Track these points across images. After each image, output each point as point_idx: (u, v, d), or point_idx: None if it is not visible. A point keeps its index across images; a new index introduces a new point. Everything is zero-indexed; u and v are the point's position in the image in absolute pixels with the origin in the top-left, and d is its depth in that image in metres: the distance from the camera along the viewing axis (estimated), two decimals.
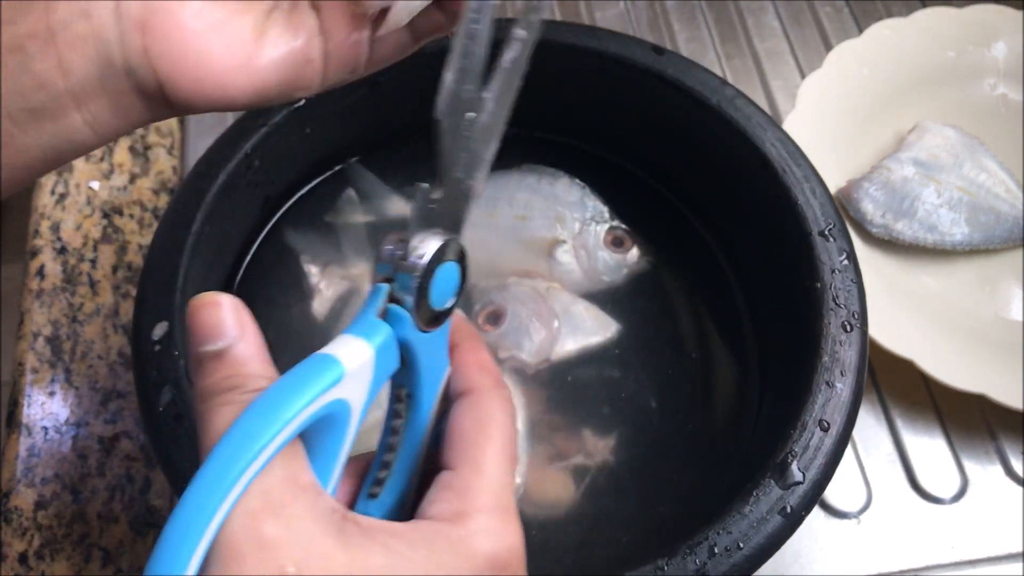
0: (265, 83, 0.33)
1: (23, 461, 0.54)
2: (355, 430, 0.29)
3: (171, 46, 0.31)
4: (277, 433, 0.26)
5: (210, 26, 0.31)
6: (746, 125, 0.50)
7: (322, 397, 0.27)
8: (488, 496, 0.29)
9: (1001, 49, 0.68)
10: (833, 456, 0.41)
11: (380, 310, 0.30)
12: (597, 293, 0.55)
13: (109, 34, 0.30)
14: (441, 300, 0.31)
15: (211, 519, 0.24)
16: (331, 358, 0.28)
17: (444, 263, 0.31)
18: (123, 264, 0.61)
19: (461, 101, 0.30)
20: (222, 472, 0.25)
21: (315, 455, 0.28)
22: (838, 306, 0.44)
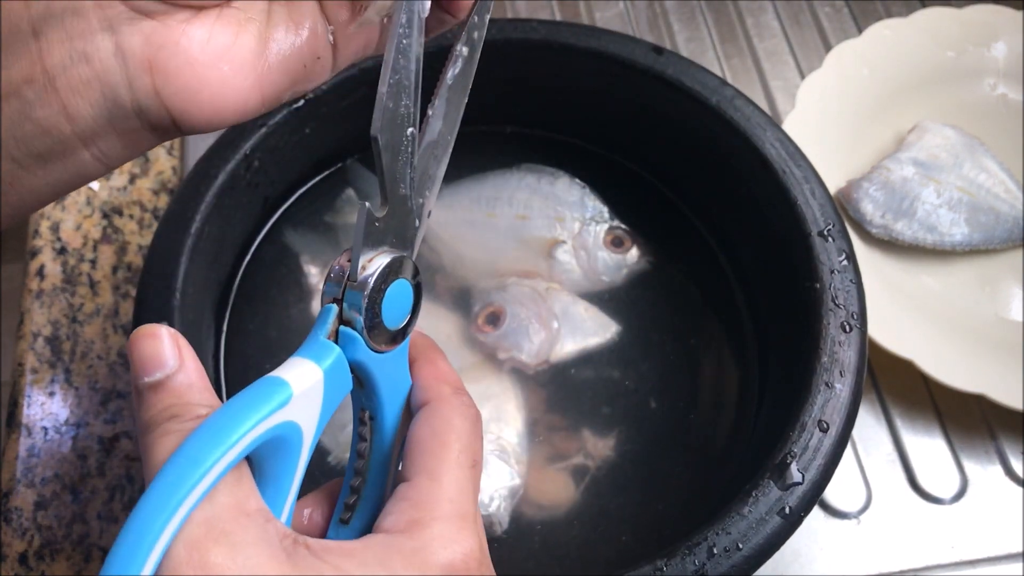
0: (277, 89, 0.32)
1: (23, 461, 0.54)
2: (308, 454, 0.29)
3: (184, 83, 0.30)
4: (221, 456, 0.25)
5: (218, 53, 0.30)
6: (746, 125, 0.50)
7: (269, 419, 0.27)
8: (444, 504, 0.29)
9: (1001, 49, 0.68)
10: (832, 457, 0.41)
11: (330, 331, 0.30)
12: (597, 293, 0.55)
13: (115, 77, 0.29)
14: (395, 319, 0.31)
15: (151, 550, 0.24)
16: (279, 380, 0.28)
17: (394, 282, 0.31)
18: (123, 264, 0.61)
19: (398, 116, 0.30)
20: (163, 500, 0.24)
21: (267, 480, 0.28)
22: (837, 306, 0.44)
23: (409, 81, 0.30)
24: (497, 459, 0.48)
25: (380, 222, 0.30)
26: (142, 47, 0.29)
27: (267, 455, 0.28)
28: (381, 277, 0.30)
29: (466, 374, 0.52)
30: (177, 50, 0.29)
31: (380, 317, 0.30)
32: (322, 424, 0.29)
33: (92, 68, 0.29)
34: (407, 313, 0.32)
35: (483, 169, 0.59)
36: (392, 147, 0.30)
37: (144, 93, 0.29)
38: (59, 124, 0.29)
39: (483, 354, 0.53)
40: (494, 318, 0.53)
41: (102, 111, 0.29)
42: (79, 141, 0.30)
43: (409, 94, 0.30)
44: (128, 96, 0.29)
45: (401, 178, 0.31)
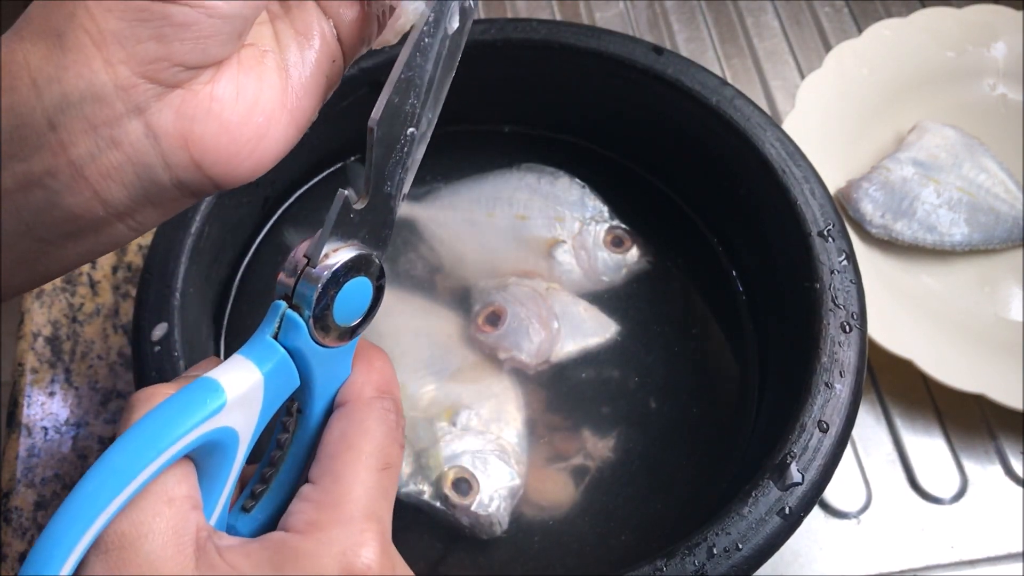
0: (308, 112, 0.31)
1: (23, 461, 0.54)
2: (244, 455, 0.29)
3: (223, 149, 0.28)
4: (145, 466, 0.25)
5: (249, 107, 0.29)
6: (745, 125, 0.50)
7: (202, 426, 0.27)
8: (347, 506, 0.28)
9: (1001, 49, 0.68)
10: (832, 457, 0.41)
11: (275, 330, 0.29)
12: (597, 293, 0.55)
13: (149, 158, 0.27)
14: (347, 316, 0.30)
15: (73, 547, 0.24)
16: (216, 385, 0.27)
17: (355, 278, 0.30)
18: (123, 264, 0.61)
19: (402, 113, 0.29)
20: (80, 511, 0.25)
21: (202, 478, 0.28)
22: (837, 307, 0.44)
23: (421, 81, 0.29)
24: (497, 459, 0.48)
25: (356, 215, 0.29)
26: (174, 123, 0.27)
27: (202, 455, 0.28)
28: (343, 269, 0.29)
29: (466, 374, 0.52)
30: (209, 118, 0.28)
31: (331, 310, 0.29)
32: (261, 425, 0.29)
33: (123, 152, 0.27)
34: (361, 313, 0.31)
35: (483, 169, 0.59)
36: (387, 142, 0.29)
37: (183, 168, 0.28)
38: (92, 208, 0.28)
39: (483, 354, 0.53)
40: (494, 318, 0.53)
41: (137, 191, 0.28)
42: (114, 218, 0.29)
43: (419, 95, 0.29)
44: (166, 175, 0.28)
45: (390, 176, 0.30)
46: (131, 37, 0.26)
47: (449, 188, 0.58)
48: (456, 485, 0.47)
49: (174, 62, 0.27)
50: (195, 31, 0.26)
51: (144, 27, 0.26)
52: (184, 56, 0.27)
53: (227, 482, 0.29)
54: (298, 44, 0.30)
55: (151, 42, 0.26)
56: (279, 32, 0.31)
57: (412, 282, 0.55)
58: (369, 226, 0.30)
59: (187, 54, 0.27)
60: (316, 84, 0.31)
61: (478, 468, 0.48)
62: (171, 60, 0.27)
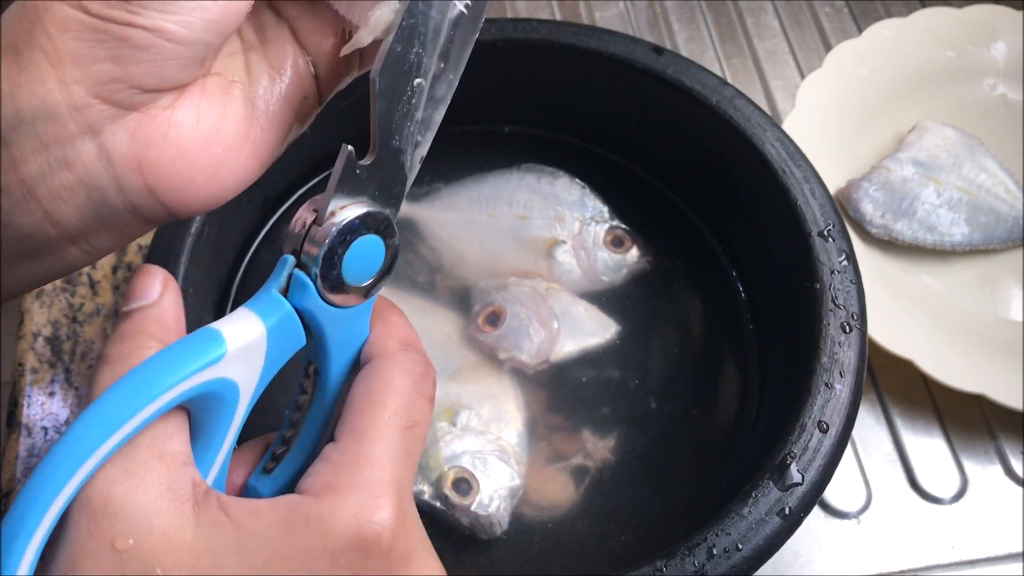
0: (272, 147, 0.30)
1: (23, 461, 0.54)
2: (245, 410, 0.28)
3: (178, 176, 0.28)
4: (141, 408, 0.25)
5: (209, 135, 0.28)
6: (745, 125, 0.50)
7: (200, 375, 0.26)
8: (365, 469, 0.27)
9: (1001, 49, 0.68)
10: (832, 457, 0.41)
11: (283, 284, 0.28)
12: (597, 293, 0.55)
13: (101, 180, 0.27)
14: (358, 276, 0.29)
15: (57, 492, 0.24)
16: (216, 335, 0.27)
17: (364, 235, 0.29)
18: (123, 264, 0.61)
19: (405, 63, 0.28)
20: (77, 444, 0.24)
21: (199, 433, 0.27)
22: (837, 307, 0.44)
23: (426, 28, 0.28)
24: (497, 459, 0.48)
25: (362, 171, 0.29)
26: (128, 146, 0.27)
27: (200, 408, 0.27)
28: (349, 227, 0.28)
29: (466, 374, 0.52)
30: (166, 143, 0.27)
31: (339, 269, 0.28)
32: (264, 381, 0.28)
33: (75, 174, 0.27)
34: (374, 271, 0.30)
35: (483, 169, 0.59)
36: (391, 94, 0.28)
37: (136, 193, 0.28)
38: (42, 229, 0.27)
39: (483, 354, 0.53)
40: (494, 318, 0.53)
41: (90, 213, 0.27)
42: (66, 241, 0.28)
43: (423, 43, 0.28)
44: (119, 198, 0.27)
45: (397, 129, 0.29)
46: (87, 57, 0.25)
47: (449, 188, 0.58)
48: (456, 485, 0.47)
49: (130, 84, 0.26)
50: (152, 54, 0.26)
51: (100, 47, 0.25)
52: (141, 79, 0.26)
53: (225, 438, 0.28)
54: (269, 77, 0.30)
55: (107, 63, 0.26)
56: (251, 63, 0.30)
57: (412, 282, 0.55)
58: (378, 183, 0.29)
59: (144, 76, 0.26)
60: (283, 119, 0.30)
61: (478, 468, 0.48)
62: (127, 82, 0.26)
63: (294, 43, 0.31)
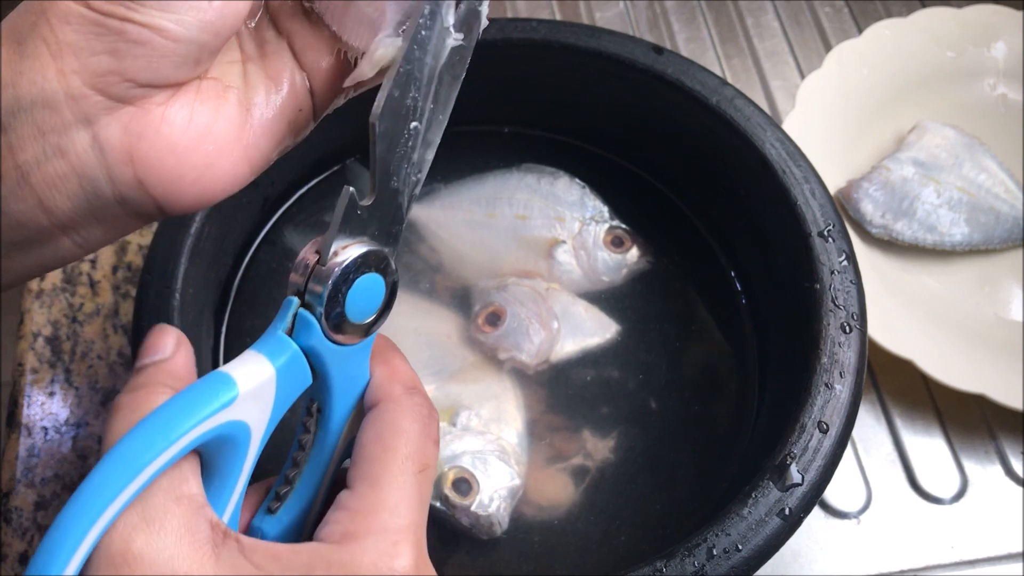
0: (264, 153, 0.31)
1: (23, 461, 0.54)
2: (257, 450, 0.29)
3: (167, 171, 0.29)
4: (158, 455, 0.25)
5: (201, 134, 0.29)
6: (746, 125, 0.50)
7: (213, 418, 0.26)
8: (383, 516, 0.28)
9: (1001, 49, 0.68)
10: (832, 458, 0.41)
11: (288, 325, 0.29)
12: (597, 293, 0.55)
13: (93, 170, 0.28)
14: (360, 314, 0.30)
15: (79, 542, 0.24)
16: (227, 378, 0.27)
17: (366, 274, 0.30)
18: (123, 264, 0.61)
19: (403, 108, 0.29)
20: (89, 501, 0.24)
21: (212, 474, 0.28)
22: (837, 307, 0.44)
23: (421, 74, 0.29)
24: (497, 459, 0.48)
25: (364, 211, 0.29)
26: (121, 138, 0.28)
27: (213, 450, 0.28)
28: (352, 266, 0.29)
29: (466, 374, 0.52)
30: (158, 138, 0.28)
31: (343, 307, 0.29)
32: (274, 420, 0.29)
33: (68, 162, 0.27)
34: (375, 309, 0.31)
35: (483, 169, 0.59)
36: (390, 137, 0.29)
37: (126, 184, 0.28)
38: (36, 217, 0.28)
39: (483, 354, 0.53)
40: (494, 318, 0.53)
41: (81, 203, 0.28)
42: (58, 231, 0.29)
43: (419, 88, 0.29)
44: (109, 188, 0.28)
45: (395, 171, 0.30)
46: (86, 49, 0.26)
47: (449, 188, 0.58)
48: (456, 485, 0.47)
49: (125, 77, 0.27)
50: (148, 49, 0.27)
51: (99, 41, 0.26)
52: (136, 73, 0.27)
53: (239, 479, 0.28)
54: (266, 87, 0.31)
55: (105, 55, 0.26)
56: (249, 73, 0.31)
57: (412, 282, 0.55)
58: (378, 222, 0.30)
59: (139, 71, 0.27)
60: (277, 128, 0.31)
61: (478, 468, 0.48)
62: (123, 75, 0.27)
63: (292, 59, 0.32)
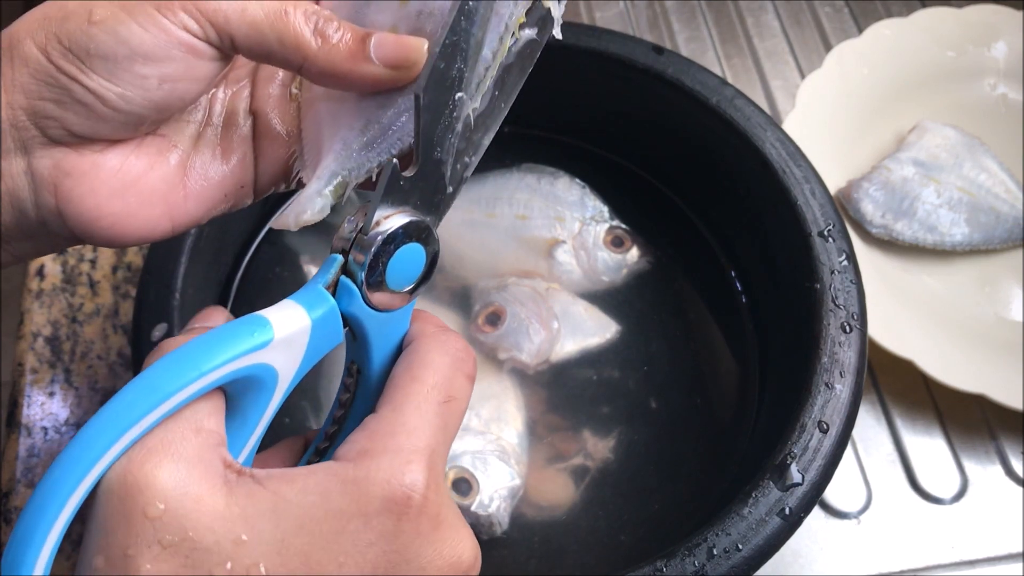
0: (190, 216, 0.33)
1: (23, 461, 0.54)
2: (281, 396, 0.29)
3: (85, 210, 0.31)
4: (186, 384, 0.26)
5: (126, 185, 0.31)
6: (746, 125, 0.50)
7: (245, 358, 0.27)
8: (400, 436, 0.28)
9: (1001, 49, 0.68)
10: (832, 458, 0.41)
11: (330, 281, 0.30)
12: (597, 293, 0.55)
13: (23, 193, 0.30)
14: (400, 282, 0.30)
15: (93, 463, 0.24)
16: (264, 321, 0.28)
17: (407, 244, 0.30)
18: (123, 264, 0.61)
19: (448, 79, 0.29)
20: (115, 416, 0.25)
21: (234, 415, 0.28)
22: (837, 307, 0.44)
23: (467, 45, 0.29)
24: (497, 459, 0.48)
25: (406, 182, 0.30)
26: (50, 171, 0.30)
27: (239, 391, 0.28)
28: (393, 236, 0.30)
29: None
30: (82, 179, 0.30)
31: (384, 276, 0.30)
32: (302, 371, 0.29)
33: (4, 183, 0.30)
34: (415, 278, 0.31)
35: (483, 169, 0.59)
36: (434, 108, 0.29)
37: (47, 212, 0.31)
38: None
39: (483, 354, 0.53)
40: (494, 318, 0.53)
41: (11, 220, 0.31)
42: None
43: (465, 59, 0.29)
44: (33, 212, 0.31)
45: (439, 142, 0.30)
46: (35, 92, 0.29)
47: None
48: (456, 485, 0.47)
49: (63, 125, 0.30)
50: (88, 110, 0.29)
51: (47, 89, 0.29)
52: (73, 125, 0.30)
53: (259, 423, 0.29)
54: (213, 155, 0.33)
55: (50, 103, 0.29)
56: (204, 136, 0.33)
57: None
58: (420, 193, 0.30)
59: (77, 125, 0.30)
60: (211, 196, 0.33)
61: (478, 468, 0.48)
62: (61, 123, 0.30)
63: (251, 137, 0.34)
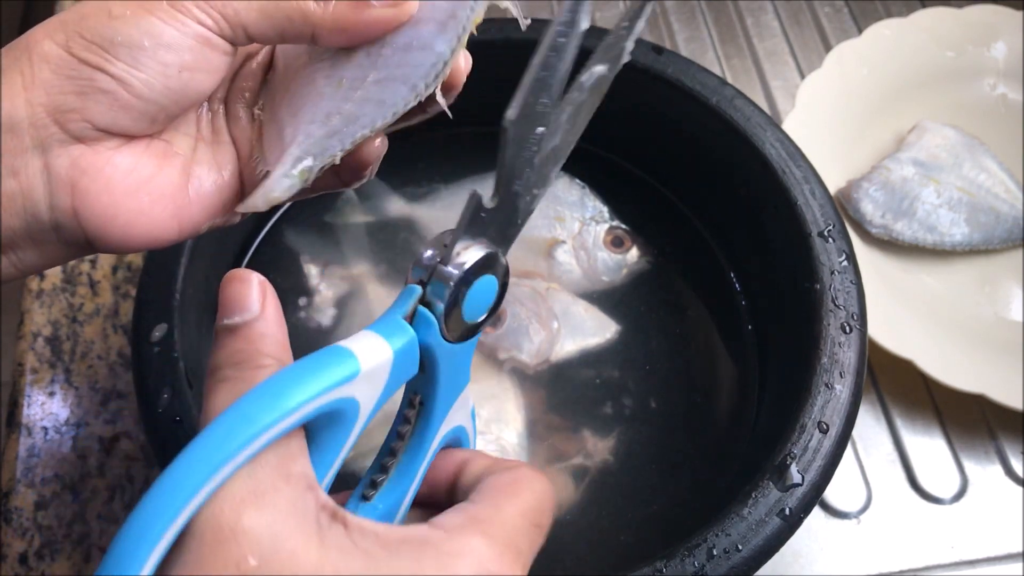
0: (195, 222, 0.33)
1: (23, 461, 0.54)
2: (360, 429, 0.28)
3: (102, 209, 0.31)
4: (276, 422, 0.25)
5: (140, 183, 0.32)
6: (745, 125, 0.50)
7: (332, 392, 0.26)
8: (495, 527, 0.28)
9: (1001, 49, 0.68)
10: (832, 458, 0.41)
11: (408, 312, 0.29)
12: (597, 293, 0.55)
13: (38, 194, 0.30)
14: (474, 313, 0.31)
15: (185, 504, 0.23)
16: (349, 353, 0.27)
17: (483, 275, 0.30)
18: (123, 264, 0.61)
19: (534, 113, 0.29)
20: (206, 455, 0.24)
21: (315, 449, 0.28)
22: (837, 307, 0.44)
23: (555, 80, 0.29)
24: None
25: (486, 214, 0.30)
26: (67, 169, 0.30)
27: (321, 425, 0.27)
28: (474, 268, 0.30)
29: None
30: (99, 176, 0.31)
31: (461, 308, 0.30)
32: (381, 403, 0.29)
33: (19, 182, 0.30)
34: (487, 309, 0.31)
35: (483, 169, 0.59)
36: (519, 141, 0.29)
37: (62, 212, 0.31)
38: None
39: (483, 354, 0.53)
40: (494, 318, 0.53)
41: (21, 222, 0.31)
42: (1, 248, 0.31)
43: (551, 94, 0.29)
44: (48, 214, 0.31)
45: (519, 175, 0.30)
46: (56, 87, 0.30)
47: (449, 189, 0.58)
48: None
49: (85, 117, 0.30)
50: (111, 98, 0.30)
51: (69, 82, 0.29)
52: (95, 116, 0.30)
53: (339, 456, 0.28)
54: (209, 167, 0.34)
55: (71, 95, 0.30)
56: (199, 150, 0.34)
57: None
58: (497, 225, 0.31)
59: (98, 115, 0.30)
60: (211, 204, 0.34)
61: None
62: (83, 115, 0.30)
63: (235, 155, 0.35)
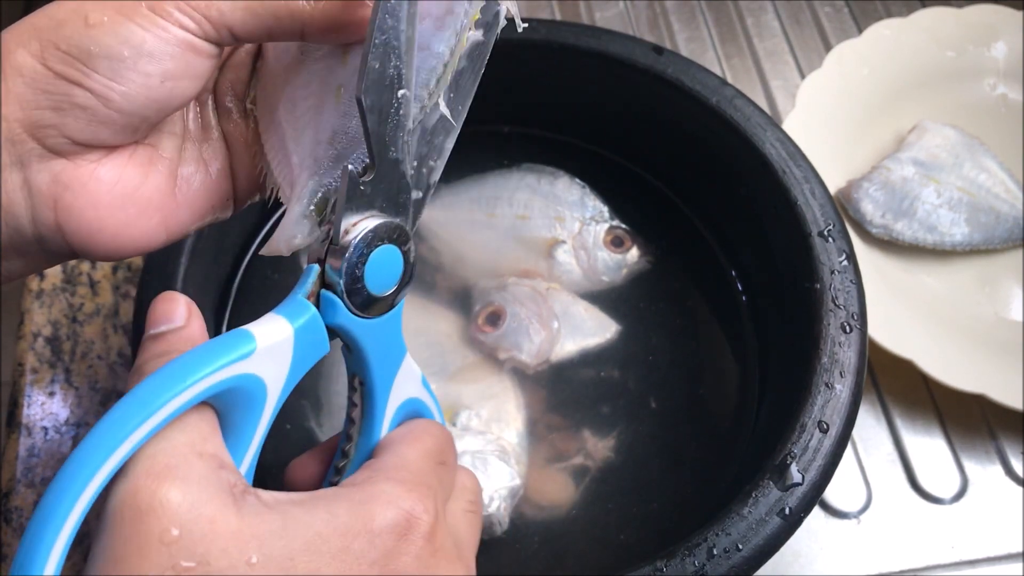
0: (183, 225, 0.33)
1: (23, 461, 0.54)
2: (273, 410, 0.29)
3: (86, 223, 0.31)
4: (173, 396, 0.25)
5: (125, 195, 0.31)
6: (746, 125, 0.50)
7: (228, 368, 0.27)
8: (401, 471, 0.29)
9: (1001, 49, 0.68)
10: (832, 457, 0.41)
11: (309, 291, 0.30)
12: (597, 293, 0.55)
13: (19, 209, 0.30)
14: (381, 286, 0.31)
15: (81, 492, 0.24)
16: (246, 333, 0.28)
17: (380, 246, 0.30)
18: (123, 264, 0.61)
19: (386, 78, 0.29)
20: (107, 436, 0.25)
21: (228, 431, 0.28)
22: (837, 307, 0.44)
23: (398, 42, 0.29)
24: (497, 459, 0.48)
25: (366, 186, 0.30)
26: (49, 185, 0.30)
27: (230, 406, 0.28)
28: (364, 241, 0.30)
29: (466, 374, 0.52)
30: (83, 192, 0.30)
31: (363, 282, 0.30)
32: (291, 383, 0.29)
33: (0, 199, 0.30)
34: (396, 280, 0.31)
35: (483, 169, 0.59)
36: (379, 109, 0.29)
37: (46, 227, 0.30)
38: None
39: (483, 354, 0.53)
40: (494, 318, 0.53)
41: (6, 238, 0.30)
42: None
43: (399, 55, 0.29)
44: (30, 228, 0.30)
45: (392, 142, 0.30)
46: (31, 102, 0.29)
47: (449, 188, 0.58)
48: None
49: (63, 133, 0.29)
50: (89, 114, 0.29)
51: (46, 97, 0.29)
52: (73, 132, 0.29)
53: (254, 437, 0.29)
54: (196, 166, 0.33)
55: (48, 111, 0.29)
56: (186, 149, 0.33)
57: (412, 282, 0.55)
58: (383, 195, 0.31)
59: (77, 131, 0.29)
60: (199, 205, 0.34)
61: (478, 468, 0.48)
62: (61, 131, 0.29)
63: (226, 151, 0.34)
